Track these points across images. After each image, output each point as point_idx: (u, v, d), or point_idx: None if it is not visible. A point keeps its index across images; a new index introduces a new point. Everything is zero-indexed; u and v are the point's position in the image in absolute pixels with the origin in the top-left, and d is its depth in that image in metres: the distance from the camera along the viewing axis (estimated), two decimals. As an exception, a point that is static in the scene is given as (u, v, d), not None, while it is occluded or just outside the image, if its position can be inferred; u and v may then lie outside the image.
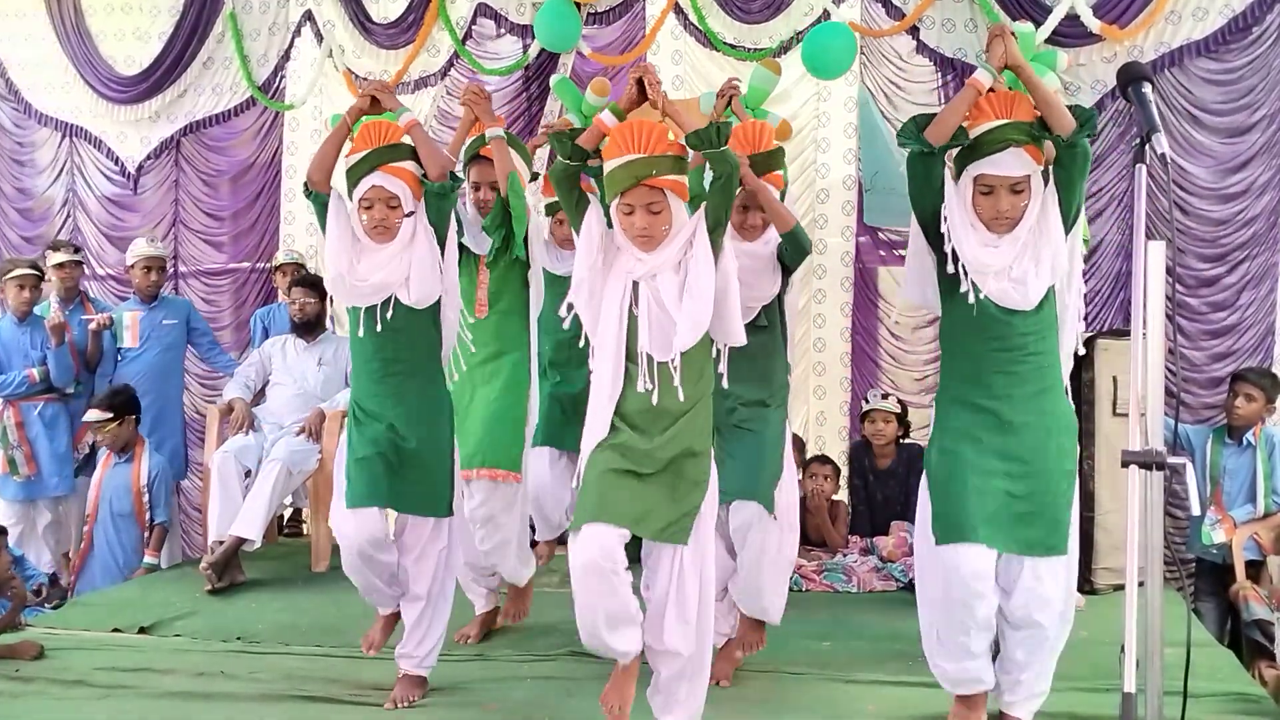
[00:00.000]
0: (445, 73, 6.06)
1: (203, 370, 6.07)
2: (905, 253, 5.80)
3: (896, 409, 4.91)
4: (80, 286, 5.56)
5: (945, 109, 2.73)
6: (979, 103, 2.67)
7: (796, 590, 4.40)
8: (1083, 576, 4.27)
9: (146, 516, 4.85)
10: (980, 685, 2.77)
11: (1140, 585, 1.98)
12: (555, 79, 5.75)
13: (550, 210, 4.06)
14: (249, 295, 6.35)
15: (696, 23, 5.72)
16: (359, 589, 3.17)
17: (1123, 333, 4.66)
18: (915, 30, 5.50)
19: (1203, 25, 5.22)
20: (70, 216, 6.58)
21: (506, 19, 5.98)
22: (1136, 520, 1.94)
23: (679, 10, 5.75)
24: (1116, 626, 2.05)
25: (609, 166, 2.58)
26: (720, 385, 2.77)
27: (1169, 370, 4.67)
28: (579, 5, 5.49)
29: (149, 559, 4.82)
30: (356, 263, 3.01)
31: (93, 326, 5.25)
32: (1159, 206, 5.01)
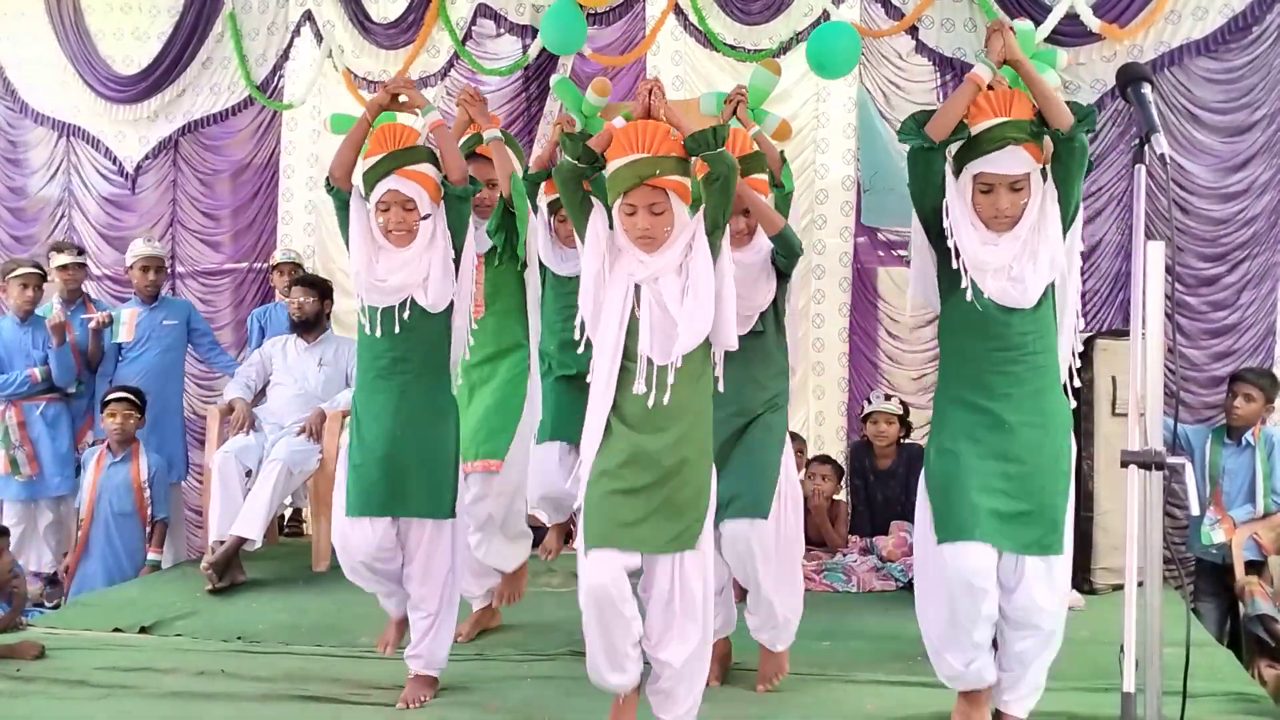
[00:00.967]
0: (445, 73, 6.06)
1: (199, 371, 6.07)
2: (904, 253, 5.84)
3: (899, 410, 4.92)
4: (82, 288, 5.57)
5: (945, 104, 2.74)
6: (978, 101, 2.67)
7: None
8: (1082, 576, 4.29)
9: (148, 513, 4.86)
10: (983, 682, 2.77)
11: (1140, 585, 1.98)
12: (555, 79, 5.74)
13: (554, 208, 4.06)
14: (246, 295, 6.34)
15: (696, 23, 5.72)
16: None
17: (1122, 333, 4.66)
18: (914, 30, 5.50)
19: (1202, 24, 5.22)
20: (65, 216, 6.58)
21: (506, 19, 5.98)
22: (1136, 520, 1.94)
23: (679, 11, 5.75)
24: (1116, 626, 2.05)
25: (612, 166, 2.59)
26: (716, 391, 2.77)
27: (1168, 370, 4.67)
28: (581, 7, 5.49)
29: (152, 555, 4.84)
30: (375, 263, 3.03)
31: (92, 325, 5.25)
32: (1158, 206, 5.01)
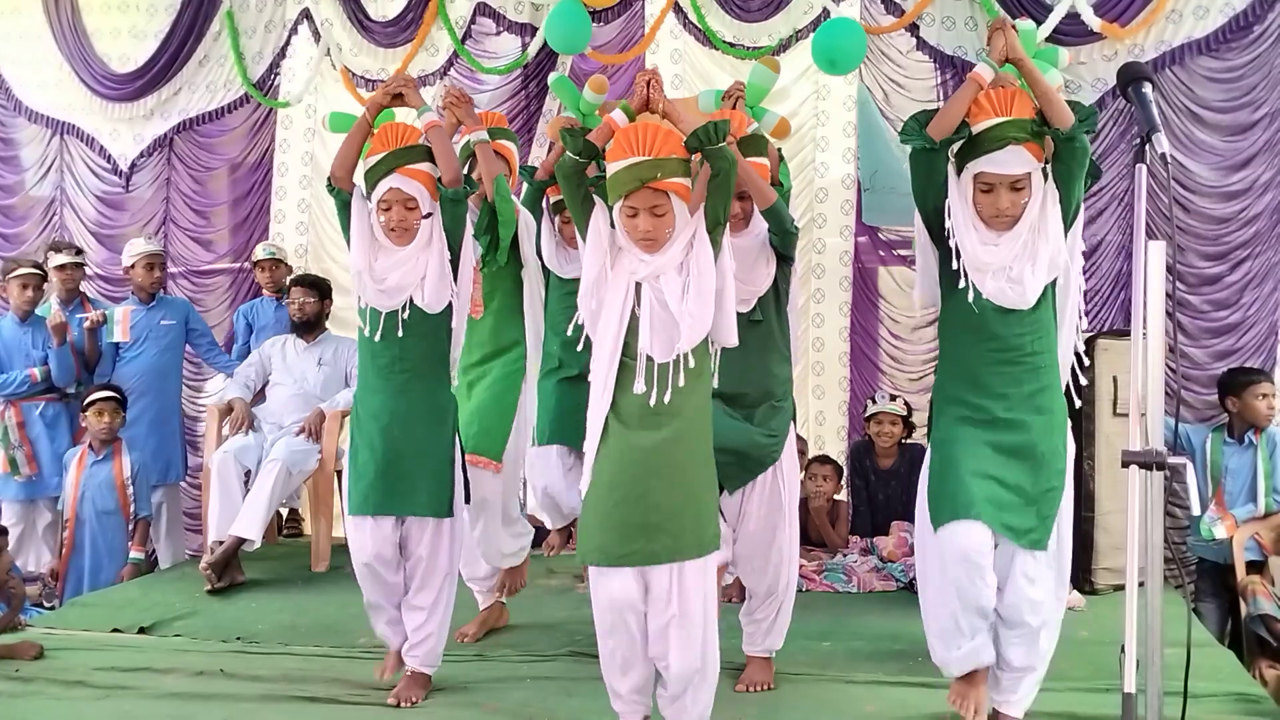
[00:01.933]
0: (444, 72, 6.05)
1: (188, 371, 6.03)
2: (904, 252, 5.83)
3: (903, 411, 4.92)
4: (80, 287, 5.56)
5: (947, 104, 2.73)
6: (979, 100, 2.66)
7: (797, 590, 4.39)
8: (1083, 576, 4.29)
9: (131, 510, 4.85)
10: (980, 661, 2.74)
11: (1140, 585, 1.98)
12: (553, 77, 5.72)
13: (559, 209, 4.05)
14: (240, 294, 6.30)
15: (696, 21, 5.71)
16: (370, 619, 3.22)
17: (1123, 333, 4.66)
18: (915, 28, 5.49)
19: (1204, 24, 5.21)
20: (57, 215, 6.56)
21: (505, 17, 5.97)
22: (1137, 520, 1.94)
23: (678, 9, 5.74)
24: (1116, 626, 2.05)
25: (613, 169, 2.57)
26: (719, 387, 2.76)
27: (1170, 369, 4.67)
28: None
29: (134, 554, 4.82)
30: (374, 261, 3.05)
31: (86, 324, 5.24)
32: (1160, 205, 5.01)
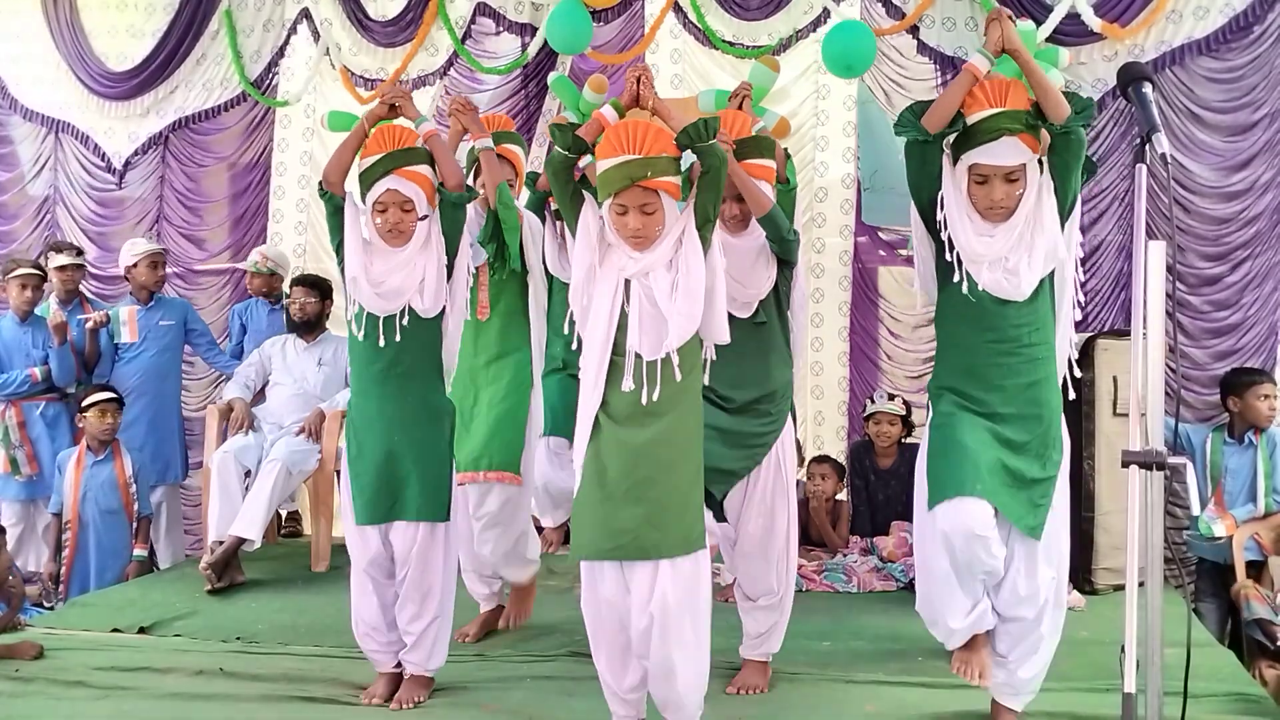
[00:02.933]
0: (444, 71, 6.05)
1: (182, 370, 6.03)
2: (904, 252, 5.82)
3: (902, 410, 4.92)
4: (80, 288, 5.56)
5: (942, 95, 2.73)
6: (973, 91, 2.66)
7: (797, 590, 4.39)
8: (1083, 577, 4.29)
9: (134, 509, 4.84)
10: (983, 627, 2.74)
11: (1140, 585, 1.97)
12: (553, 77, 5.72)
13: (560, 215, 4.02)
14: (236, 293, 6.28)
15: (695, 21, 5.71)
16: (359, 641, 3.20)
17: (1123, 332, 4.66)
18: (915, 29, 5.49)
19: (1204, 24, 5.21)
20: (50, 213, 6.55)
21: (505, 17, 5.97)
22: (1137, 520, 1.94)
23: (678, 8, 5.74)
24: (1116, 626, 2.04)
25: (603, 166, 2.56)
26: (718, 389, 2.75)
27: (1170, 369, 4.66)
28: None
29: (138, 551, 4.83)
30: (370, 265, 3.03)
31: (89, 325, 5.24)
32: (1160, 206, 5.01)
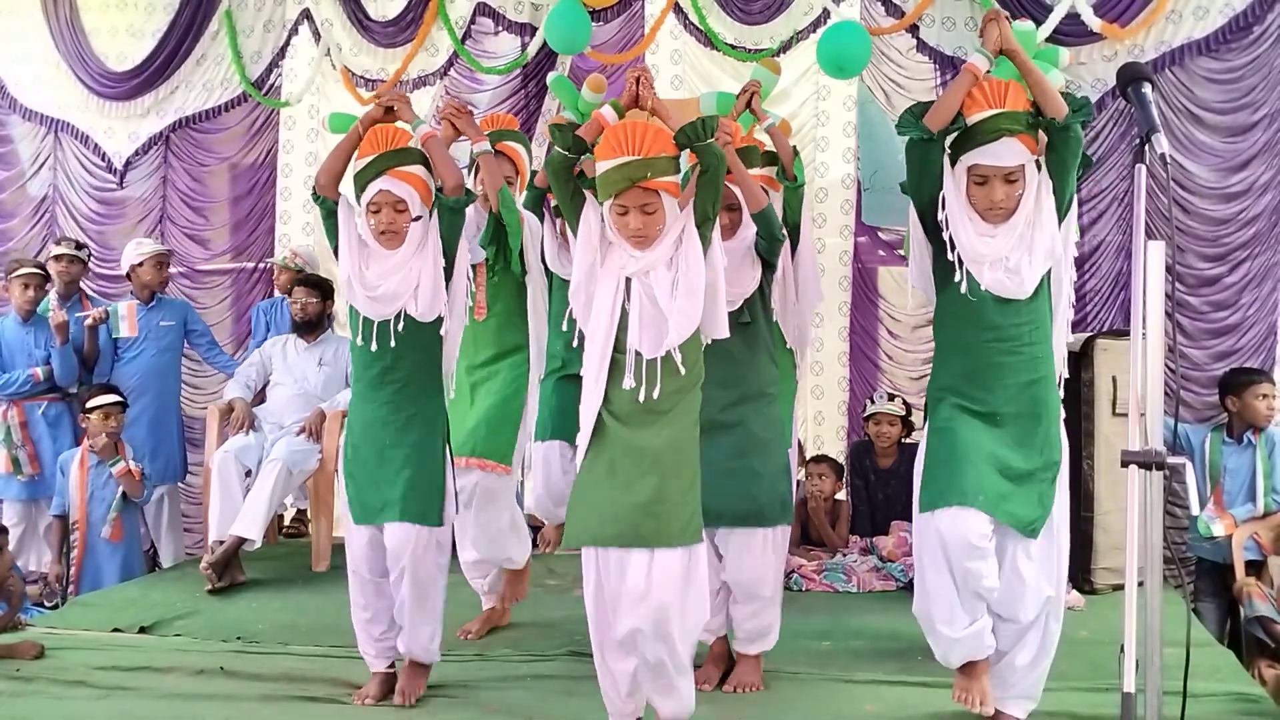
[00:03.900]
0: (444, 71, 6.06)
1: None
2: (904, 252, 5.81)
3: (901, 411, 4.92)
4: (80, 285, 5.57)
5: (943, 95, 2.75)
6: (972, 92, 2.67)
7: (796, 590, 4.40)
8: (1082, 576, 4.29)
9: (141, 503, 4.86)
10: (982, 649, 2.74)
11: (1140, 585, 1.98)
12: (552, 77, 5.72)
13: (560, 213, 4.01)
14: (240, 295, 6.31)
15: (696, 22, 5.71)
16: (357, 634, 3.19)
17: (1123, 333, 4.66)
18: (915, 29, 5.50)
19: (1203, 24, 5.21)
20: (49, 212, 6.55)
21: (505, 17, 5.97)
22: (1136, 520, 1.94)
23: (679, 9, 5.74)
24: (1116, 626, 2.05)
25: (603, 167, 2.57)
26: (706, 389, 2.76)
27: (1169, 370, 4.67)
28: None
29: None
30: (365, 269, 3.02)
31: (87, 322, 5.24)
32: (1159, 206, 5.01)
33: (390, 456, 3.05)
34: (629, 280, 2.60)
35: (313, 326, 5.09)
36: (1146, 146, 2.15)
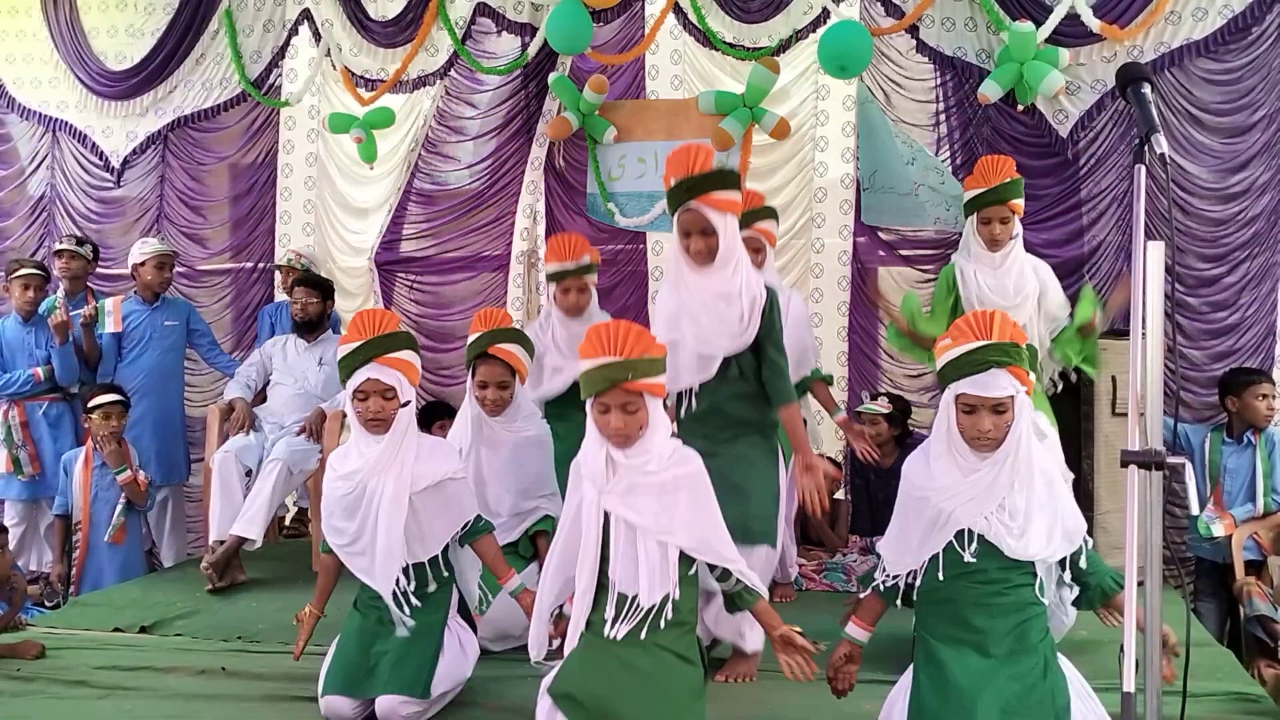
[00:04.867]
0: (444, 72, 6.06)
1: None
2: (904, 252, 5.78)
3: (885, 409, 4.89)
4: (87, 282, 5.57)
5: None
6: (958, 324, 2.60)
7: (797, 590, 4.40)
8: (1082, 576, 4.29)
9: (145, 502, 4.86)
10: None
11: (1140, 585, 1.98)
12: (553, 77, 5.74)
13: (554, 277, 4.04)
14: (239, 295, 6.30)
15: (696, 22, 5.71)
16: None
17: (1122, 333, 4.66)
18: (915, 29, 5.50)
19: (1202, 25, 5.21)
20: (46, 211, 6.55)
21: (505, 17, 5.97)
22: (1136, 520, 1.94)
23: (678, 9, 5.74)
24: (1116, 626, 2.05)
25: (584, 367, 2.57)
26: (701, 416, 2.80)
27: (1169, 370, 4.67)
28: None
29: None
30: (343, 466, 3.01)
31: (81, 320, 5.24)
32: (1158, 207, 5.02)
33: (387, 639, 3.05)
34: (607, 516, 2.59)
35: (313, 326, 5.09)
36: (1146, 147, 2.14)
